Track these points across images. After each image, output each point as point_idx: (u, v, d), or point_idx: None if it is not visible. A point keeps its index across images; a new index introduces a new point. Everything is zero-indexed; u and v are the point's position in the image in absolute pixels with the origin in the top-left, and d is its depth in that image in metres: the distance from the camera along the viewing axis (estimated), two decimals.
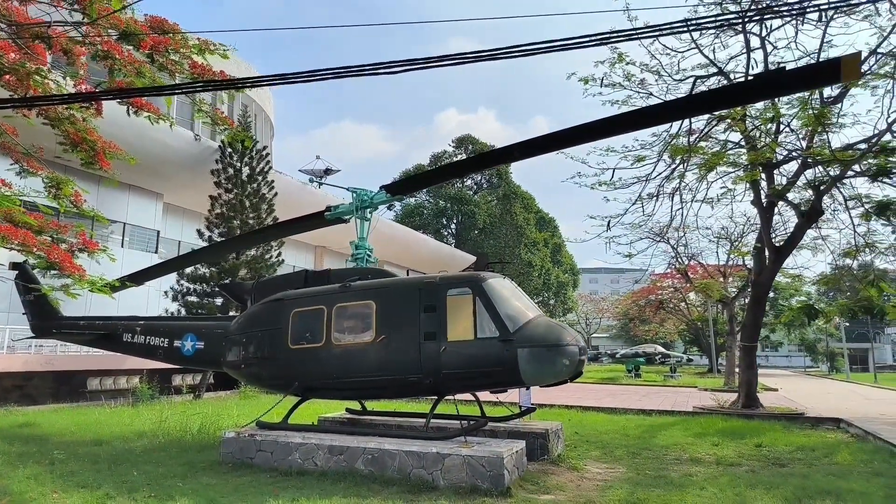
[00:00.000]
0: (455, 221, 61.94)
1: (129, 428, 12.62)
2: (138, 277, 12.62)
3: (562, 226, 69.21)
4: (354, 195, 10.85)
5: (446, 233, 61.70)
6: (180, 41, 11.57)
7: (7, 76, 11.08)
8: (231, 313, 20.38)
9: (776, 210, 17.88)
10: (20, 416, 14.27)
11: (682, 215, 18.42)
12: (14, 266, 13.06)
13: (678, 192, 17.69)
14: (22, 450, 10.01)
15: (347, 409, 12.28)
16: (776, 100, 14.15)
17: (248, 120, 24.60)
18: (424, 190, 56.47)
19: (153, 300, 22.93)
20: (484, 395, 10.21)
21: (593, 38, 6.45)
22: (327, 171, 33.48)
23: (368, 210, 10.85)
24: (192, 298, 21.97)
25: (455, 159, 58.44)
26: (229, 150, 23.15)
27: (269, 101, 38.18)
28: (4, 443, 10.68)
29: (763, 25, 15.33)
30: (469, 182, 63.56)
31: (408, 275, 10.69)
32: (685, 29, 9.19)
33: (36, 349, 18.25)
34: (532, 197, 63.49)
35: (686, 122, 16.18)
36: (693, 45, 15.93)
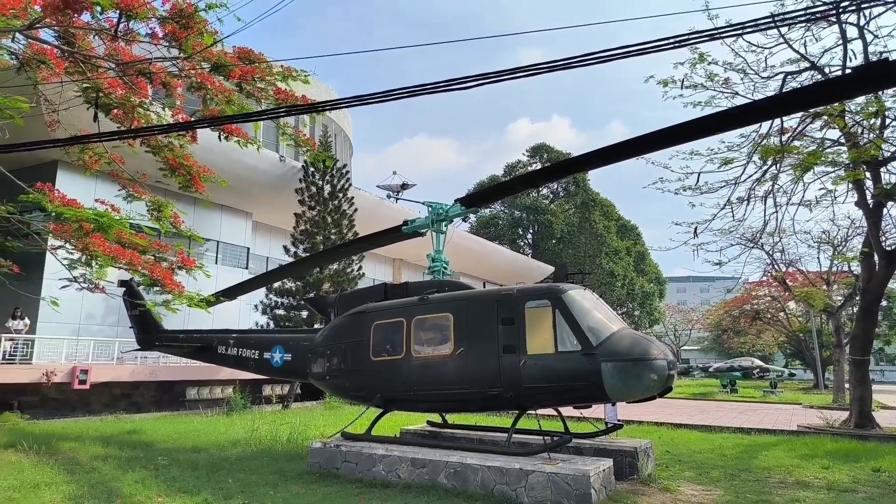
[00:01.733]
0: (531, 231, 61.40)
1: (224, 436, 13.28)
2: (231, 292, 13.31)
3: (645, 233, 67.03)
4: (430, 209, 11.01)
5: (522, 243, 61.25)
6: (265, 69, 12.21)
7: (115, 110, 12.06)
8: (316, 326, 21.12)
9: (885, 211, 16.57)
10: (128, 423, 15.35)
11: (777, 219, 17.33)
12: (122, 283, 14.11)
13: (771, 195, 16.75)
14: (130, 455, 10.77)
15: (429, 422, 12.40)
16: (880, 92, 13.18)
17: (328, 140, 25.53)
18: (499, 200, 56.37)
19: (244, 314, 24.08)
20: (567, 411, 10.03)
21: (671, 40, 6.28)
22: (403, 186, 34.12)
23: (444, 223, 10.98)
24: (280, 312, 22.93)
25: (530, 169, 58.03)
26: (311, 169, 24.10)
27: (348, 120, 39.47)
28: (115, 448, 11.52)
29: (861, 14, 14.34)
30: (545, 191, 62.87)
31: (484, 287, 10.71)
32: (772, 24, 8.77)
33: (141, 361, 19.59)
34: (612, 204, 61.98)
35: (777, 121, 15.34)
36: (781, 40, 15.12)
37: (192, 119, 12.99)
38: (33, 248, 16.34)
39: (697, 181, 15.93)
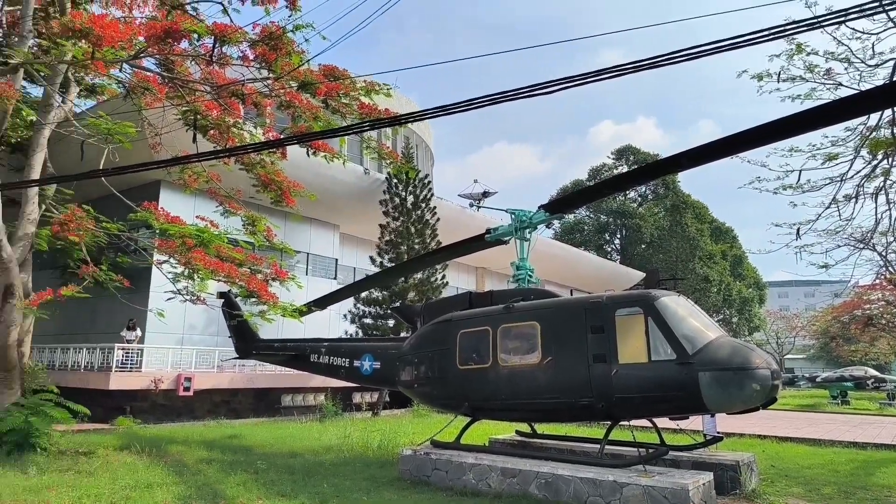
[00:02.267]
0: (619, 236, 59.73)
1: (317, 442, 13.69)
2: (321, 302, 13.73)
3: (741, 235, 63.63)
4: (513, 216, 10.91)
5: (610, 248, 59.69)
6: (349, 85, 12.58)
7: (212, 131, 12.80)
8: (403, 334, 21.44)
9: None
10: (229, 429, 16.14)
11: (891, 218, 15.92)
12: (220, 295, 14.89)
13: (883, 192, 15.39)
14: (232, 459, 11.30)
15: (517, 432, 12.24)
16: None
17: (410, 151, 26.00)
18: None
19: (334, 323, 24.82)
20: (663, 422, 9.61)
21: (766, 33, 5.90)
22: (485, 194, 34.12)
23: (528, 230, 10.84)
24: (368, 320, 23.48)
25: (616, 172, 56.55)
26: (395, 180, 24.59)
27: (429, 131, 40.02)
28: (218, 452, 12.13)
29: None
30: (632, 194, 61.03)
31: (571, 295, 10.47)
32: (880, 8, 8.08)
33: (239, 368, 20.58)
34: (705, 206, 59.25)
35: (887, 111, 14.12)
36: (891, 24, 13.93)
37: (282, 136, 13.57)
38: (141, 263, 17.58)
39: (799, 179, 14.90)
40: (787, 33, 6.13)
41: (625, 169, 56.93)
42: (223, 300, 14.96)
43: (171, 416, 18.65)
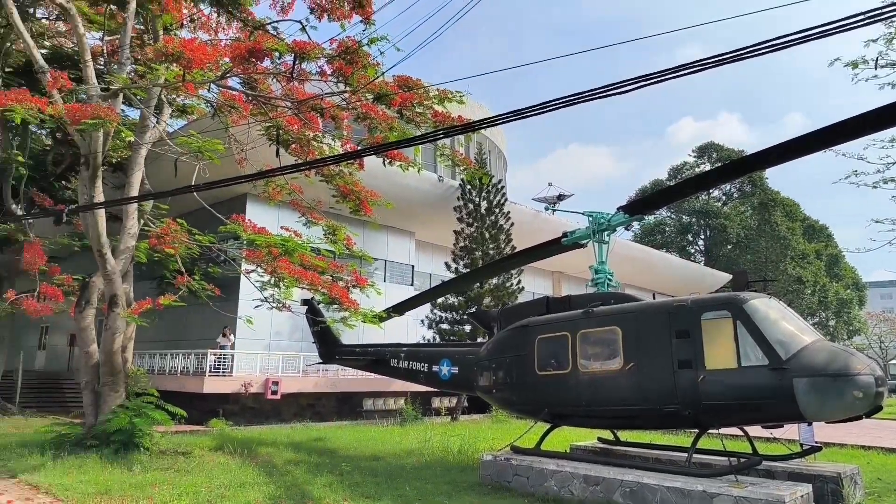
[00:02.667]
0: (703, 237, 57.35)
1: (399, 446, 13.91)
2: (400, 308, 13.96)
3: (837, 233, 59.74)
4: (590, 219, 10.72)
5: (693, 250, 57.41)
6: (423, 94, 12.77)
7: (293, 145, 13.32)
8: (479, 339, 21.45)
9: None
10: (314, 431, 16.67)
11: None
12: (304, 302, 15.44)
13: None
14: (318, 460, 11.67)
15: (599, 439, 11.98)
16: None
17: (483, 157, 26.05)
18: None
19: (412, 328, 25.15)
20: (755, 431, 9.14)
21: (860, 18, 5.52)
22: (560, 198, 33.57)
23: (606, 233, 10.61)
24: (444, 326, 23.66)
25: (698, 170, 54.38)
26: (468, 186, 24.69)
27: (501, 136, 39.96)
28: (304, 453, 12.56)
29: None
30: (716, 193, 58.47)
31: (654, 298, 10.16)
32: None
33: (323, 373, 21.23)
34: (795, 203, 55.97)
35: None
36: None
37: (359, 148, 13.94)
38: (230, 272, 18.45)
39: None
40: (885, 16, 5.72)
41: (707, 167, 54.68)
42: (307, 307, 15.50)
43: (259, 419, 19.47)
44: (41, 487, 8.74)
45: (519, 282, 24.25)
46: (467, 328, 23.28)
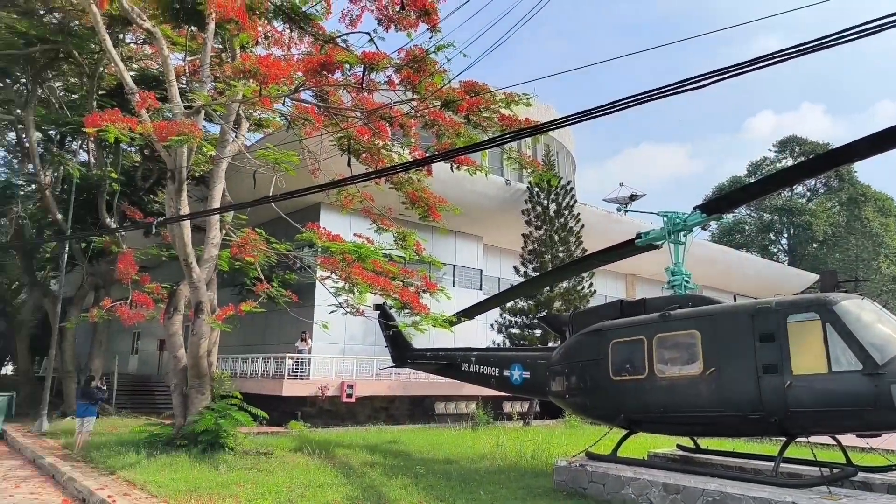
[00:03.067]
0: (786, 235, 54.50)
1: (471, 450, 13.94)
2: (469, 312, 14.01)
3: None
4: (665, 219, 10.40)
5: (776, 249, 54.65)
6: (489, 99, 12.81)
7: (364, 154, 13.65)
8: (550, 344, 21.21)
9: None
10: (388, 434, 16.95)
11: None
12: (377, 307, 15.75)
13: None
14: (393, 463, 11.86)
15: (678, 446, 11.59)
16: None
17: (551, 159, 25.79)
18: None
19: (481, 332, 25.17)
20: (849, 439, 8.61)
21: None
22: (632, 198, 32.73)
23: (682, 233, 10.28)
24: (514, 330, 23.52)
25: (779, 166, 51.76)
26: (536, 189, 24.49)
27: (569, 137, 39.39)
28: (379, 456, 12.79)
29: None
30: (799, 188, 55.41)
31: (735, 301, 9.75)
32: None
33: (395, 376, 21.55)
34: (888, 197, 52.26)
35: None
36: None
37: (427, 154, 14.12)
38: (306, 279, 19.06)
39: None
40: None
41: (789, 162, 51.94)
42: (379, 312, 15.79)
43: (336, 421, 19.99)
44: (137, 484, 9.30)
45: (591, 285, 23.82)
46: (537, 332, 23.05)
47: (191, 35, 15.84)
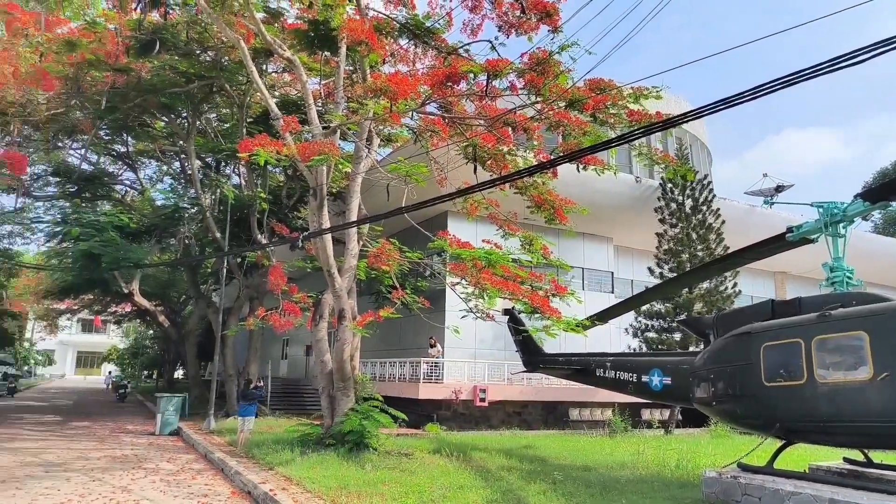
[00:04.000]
0: None
1: (609, 457, 13.55)
2: (602, 316, 13.67)
3: None
4: (821, 210, 9.51)
5: None
6: (616, 95, 12.46)
7: (489, 161, 13.81)
8: (691, 349, 20.11)
9: None
10: (523, 439, 16.92)
11: None
12: (506, 312, 15.81)
13: None
14: (530, 468, 11.84)
15: (845, 459, 10.49)
16: None
17: (684, 152, 24.48)
18: None
19: (615, 337, 24.42)
20: None
21: None
22: (779, 189, 30.19)
23: (842, 224, 9.34)
24: (651, 334, 22.56)
25: None
26: (669, 185, 23.38)
27: (703, 128, 37.16)
28: (515, 460, 12.82)
29: None
30: None
31: None
32: None
33: (527, 382, 21.49)
34: None
35: None
36: None
37: (552, 156, 14.00)
38: (437, 285, 19.55)
39: None
40: None
41: None
42: (508, 317, 15.85)
43: (469, 425, 20.29)
44: (293, 479, 10.05)
45: (735, 284, 22.30)
46: (677, 336, 21.94)
47: (324, 60, 16.92)
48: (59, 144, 24.61)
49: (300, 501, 8.45)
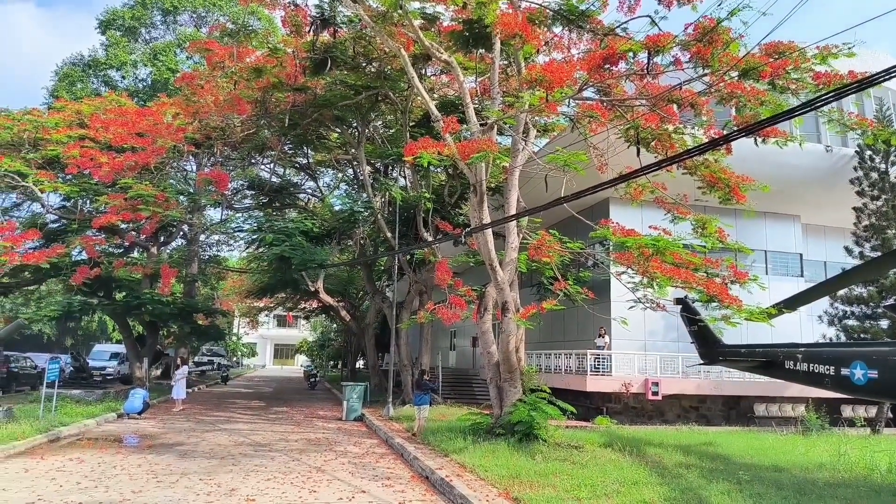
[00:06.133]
0: None
1: (803, 457, 12.32)
2: (791, 303, 12.44)
3: None
4: None
5: None
6: (797, 58, 11.25)
7: (653, 143, 13.17)
8: None
9: None
10: (701, 435, 15.93)
11: None
12: (678, 301, 14.96)
13: None
14: (710, 465, 11.13)
15: None
16: None
17: (886, 114, 21.34)
18: None
19: (806, 325, 22.05)
20: None
21: None
22: None
23: None
24: (851, 322, 20.03)
25: None
26: (868, 152, 20.52)
27: None
28: (694, 457, 12.12)
29: None
30: None
31: None
32: None
33: (705, 374, 20.16)
34: None
35: None
36: None
37: (725, 132, 12.96)
38: (600, 275, 19.07)
39: None
40: None
41: None
42: (681, 306, 15.00)
43: (641, 419, 19.54)
44: (467, 466, 10.43)
45: None
46: (883, 324, 19.24)
47: (479, 57, 17.22)
48: (253, 161, 27.84)
49: (474, 488, 8.77)
